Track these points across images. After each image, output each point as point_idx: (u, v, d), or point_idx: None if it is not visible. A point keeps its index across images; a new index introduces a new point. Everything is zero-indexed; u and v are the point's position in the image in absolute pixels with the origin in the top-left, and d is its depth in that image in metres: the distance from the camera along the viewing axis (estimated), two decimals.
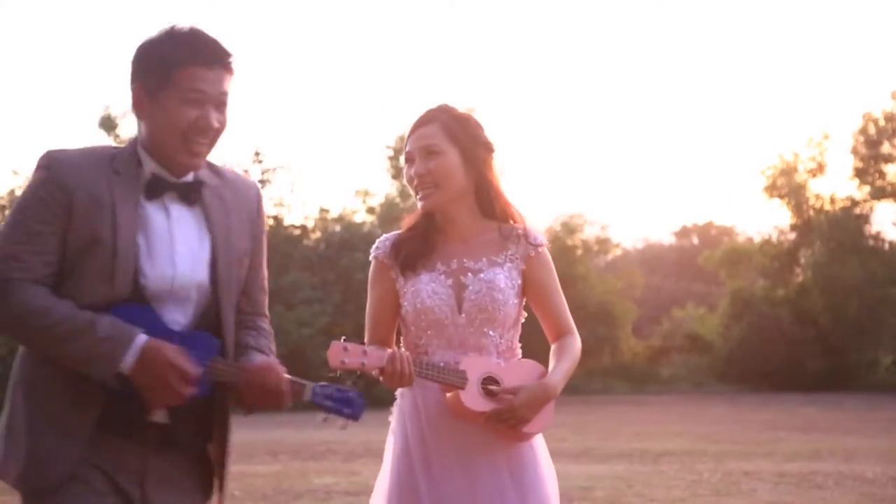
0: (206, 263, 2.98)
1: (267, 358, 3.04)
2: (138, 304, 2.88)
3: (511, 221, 3.54)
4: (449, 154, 3.44)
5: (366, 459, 13.04)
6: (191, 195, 2.99)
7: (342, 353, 3.15)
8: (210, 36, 2.97)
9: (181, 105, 2.90)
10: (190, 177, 3.00)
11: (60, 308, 2.80)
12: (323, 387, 3.02)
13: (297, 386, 2.99)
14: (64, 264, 2.85)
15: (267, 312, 3.22)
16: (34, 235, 2.82)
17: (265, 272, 3.21)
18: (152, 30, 2.97)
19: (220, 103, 2.96)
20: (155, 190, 2.95)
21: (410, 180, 3.50)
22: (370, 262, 3.57)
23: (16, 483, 2.88)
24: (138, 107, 2.96)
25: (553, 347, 3.56)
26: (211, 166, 3.09)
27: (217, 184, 3.06)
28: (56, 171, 2.86)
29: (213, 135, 2.96)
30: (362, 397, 3.05)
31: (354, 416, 3.05)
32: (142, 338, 2.82)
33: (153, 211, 2.94)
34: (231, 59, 2.96)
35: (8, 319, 2.82)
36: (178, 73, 2.89)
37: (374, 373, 3.26)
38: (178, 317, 2.94)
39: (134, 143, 3.00)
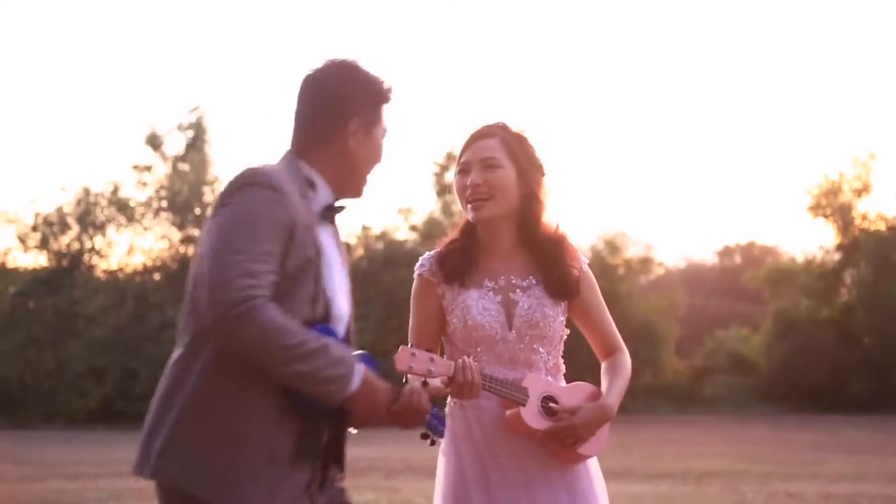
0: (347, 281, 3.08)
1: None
2: (327, 325, 2.91)
3: (546, 249, 3.50)
4: (507, 169, 3.45)
5: (407, 476, 12.98)
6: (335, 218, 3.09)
7: (410, 359, 3.11)
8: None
9: (382, 140, 3.08)
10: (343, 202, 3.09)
11: (298, 327, 2.75)
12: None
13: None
14: (279, 286, 2.78)
15: None
16: (267, 254, 2.74)
17: None
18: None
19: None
20: (328, 215, 3.02)
21: (462, 190, 3.47)
22: (413, 279, 3.55)
23: (208, 497, 2.77)
24: (352, 137, 3.01)
25: (604, 366, 3.56)
26: None
27: None
28: (284, 192, 2.82)
29: None
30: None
31: (441, 434, 3.17)
32: (361, 364, 2.86)
33: (325, 236, 2.98)
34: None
35: (254, 340, 2.68)
36: (384, 110, 3.07)
37: (440, 382, 3.20)
38: (340, 335, 2.98)
39: (296, 165, 2.99)
